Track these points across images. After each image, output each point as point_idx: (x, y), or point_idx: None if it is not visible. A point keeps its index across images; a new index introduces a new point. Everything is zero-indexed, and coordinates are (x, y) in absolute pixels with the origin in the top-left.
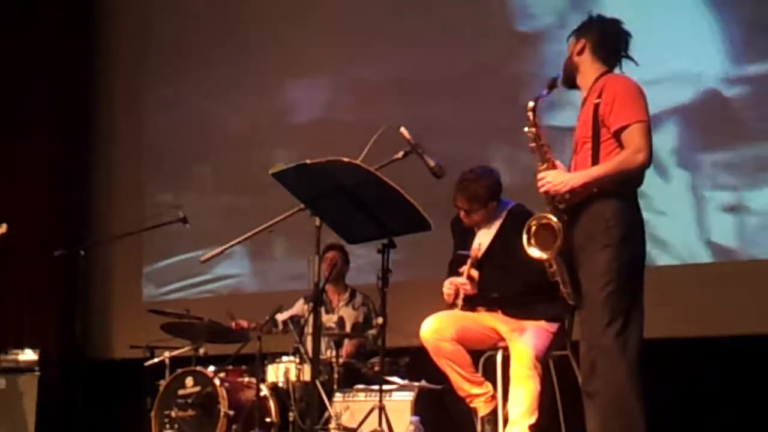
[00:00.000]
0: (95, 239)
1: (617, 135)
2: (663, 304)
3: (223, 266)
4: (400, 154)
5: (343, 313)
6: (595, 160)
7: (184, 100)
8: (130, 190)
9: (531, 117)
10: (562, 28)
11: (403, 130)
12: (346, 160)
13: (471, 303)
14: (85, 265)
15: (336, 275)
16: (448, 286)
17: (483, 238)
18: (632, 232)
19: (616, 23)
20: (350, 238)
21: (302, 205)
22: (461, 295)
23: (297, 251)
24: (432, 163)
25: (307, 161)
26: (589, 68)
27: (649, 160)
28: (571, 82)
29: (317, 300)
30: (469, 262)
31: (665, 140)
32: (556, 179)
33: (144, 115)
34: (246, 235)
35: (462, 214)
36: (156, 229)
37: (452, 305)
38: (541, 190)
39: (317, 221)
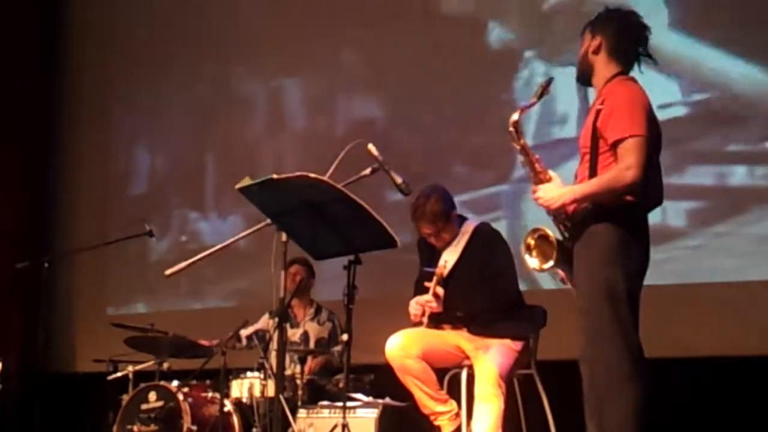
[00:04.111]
0: (59, 251)
1: (614, 148)
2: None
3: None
4: (368, 170)
5: (308, 327)
6: (593, 173)
7: (150, 110)
8: (96, 202)
9: (514, 132)
10: None
11: (371, 146)
12: (313, 176)
13: (436, 320)
14: (49, 277)
15: (301, 289)
16: (415, 307)
17: (449, 256)
18: (625, 251)
19: (633, 16)
20: (316, 254)
21: (268, 220)
22: (427, 313)
23: (263, 265)
24: (399, 180)
25: (274, 176)
26: (603, 69)
27: (640, 177)
28: (586, 80)
29: (282, 315)
30: (434, 279)
31: None
32: (547, 195)
33: (111, 126)
34: (211, 250)
35: (432, 239)
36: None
37: (418, 323)
38: (537, 203)
39: (283, 236)
